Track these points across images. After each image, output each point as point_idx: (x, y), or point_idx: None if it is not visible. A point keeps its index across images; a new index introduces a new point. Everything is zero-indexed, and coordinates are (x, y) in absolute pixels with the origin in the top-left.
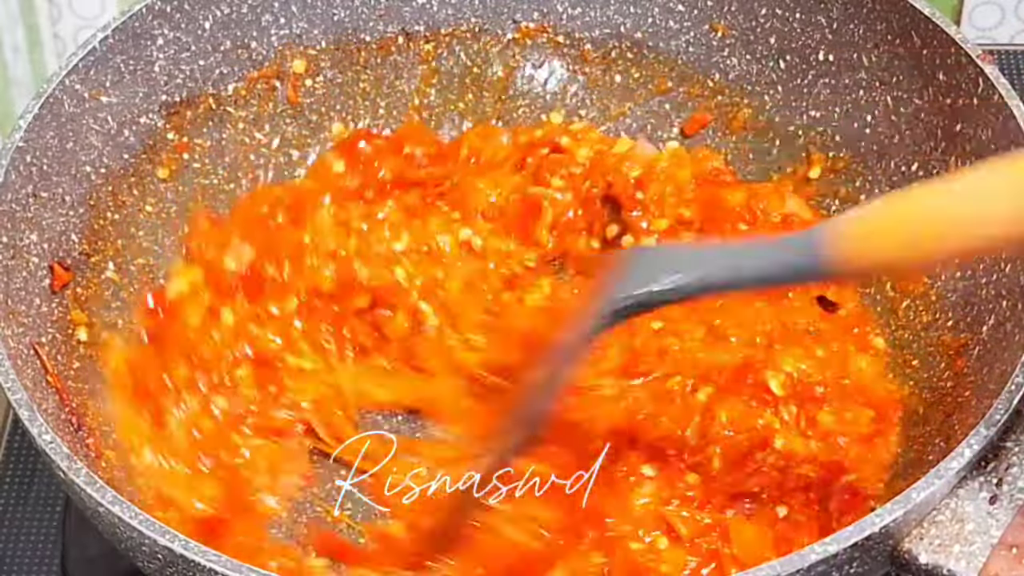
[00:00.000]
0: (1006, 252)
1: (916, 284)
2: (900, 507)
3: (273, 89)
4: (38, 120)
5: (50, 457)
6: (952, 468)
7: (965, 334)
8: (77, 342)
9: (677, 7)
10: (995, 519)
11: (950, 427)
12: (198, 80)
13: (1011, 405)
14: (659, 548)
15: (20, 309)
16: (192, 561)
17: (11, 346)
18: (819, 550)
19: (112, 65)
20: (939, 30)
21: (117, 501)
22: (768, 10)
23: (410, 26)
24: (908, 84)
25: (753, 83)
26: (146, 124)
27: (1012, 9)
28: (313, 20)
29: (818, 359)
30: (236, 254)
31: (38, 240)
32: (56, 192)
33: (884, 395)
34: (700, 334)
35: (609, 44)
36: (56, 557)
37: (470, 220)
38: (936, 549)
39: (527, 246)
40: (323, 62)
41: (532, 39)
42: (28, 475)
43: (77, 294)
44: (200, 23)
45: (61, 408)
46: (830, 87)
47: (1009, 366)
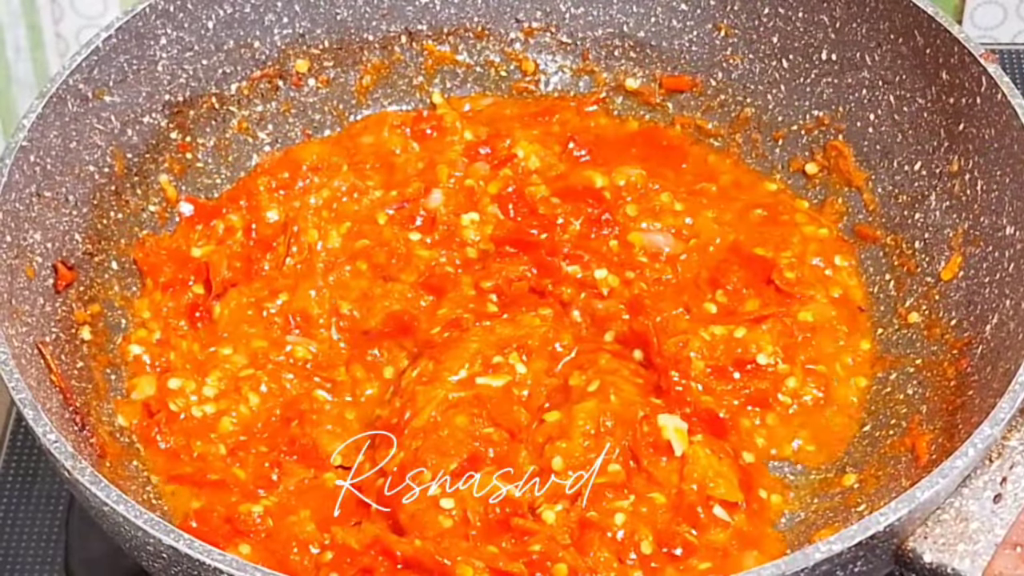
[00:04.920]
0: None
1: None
2: (904, 506)
3: (276, 88)
4: (41, 120)
5: (54, 456)
6: (956, 467)
7: (968, 333)
8: (81, 341)
9: (680, 6)
10: (999, 518)
11: (954, 426)
12: (201, 80)
13: (1015, 404)
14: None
15: (24, 309)
16: (196, 560)
17: (15, 345)
18: (824, 548)
19: (115, 65)
20: (942, 29)
21: (122, 500)
22: (771, 9)
23: (413, 25)
24: (911, 83)
25: (756, 82)
26: (149, 123)
27: (1014, 9)
28: (316, 19)
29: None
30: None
31: (42, 240)
32: (59, 192)
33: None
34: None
35: (612, 44)
36: (59, 556)
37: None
38: (940, 548)
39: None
40: (326, 61)
41: (535, 39)
42: (31, 474)
43: (80, 293)
44: (203, 22)
45: (65, 407)
46: (833, 86)
47: (1013, 365)
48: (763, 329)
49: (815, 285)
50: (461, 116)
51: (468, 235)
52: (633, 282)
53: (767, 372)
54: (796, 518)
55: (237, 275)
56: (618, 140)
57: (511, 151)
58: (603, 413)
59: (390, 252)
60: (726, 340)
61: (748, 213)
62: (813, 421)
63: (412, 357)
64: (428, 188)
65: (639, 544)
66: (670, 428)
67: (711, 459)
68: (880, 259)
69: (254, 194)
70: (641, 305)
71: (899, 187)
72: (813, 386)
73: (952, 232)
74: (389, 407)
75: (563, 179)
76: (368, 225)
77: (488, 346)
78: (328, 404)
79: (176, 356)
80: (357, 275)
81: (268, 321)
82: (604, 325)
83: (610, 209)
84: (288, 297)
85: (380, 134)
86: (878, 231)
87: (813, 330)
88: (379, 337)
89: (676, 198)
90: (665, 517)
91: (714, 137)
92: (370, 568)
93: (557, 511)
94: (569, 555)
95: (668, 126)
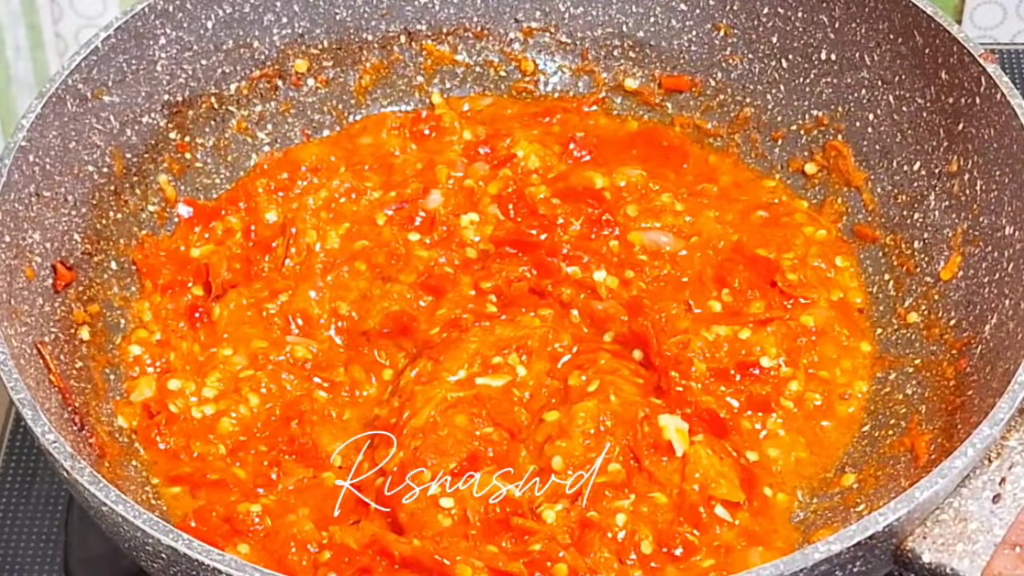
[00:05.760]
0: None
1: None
2: (903, 506)
3: (275, 88)
4: (40, 120)
5: (53, 456)
6: (956, 467)
7: (968, 333)
8: (80, 341)
9: (679, 6)
10: (998, 518)
11: (953, 426)
12: (200, 79)
13: (1015, 404)
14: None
15: (23, 309)
16: (195, 560)
17: (14, 345)
18: (823, 548)
19: (114, 64)
20: (941, 29)
21: (120, 500)
22: (770, 9)
23: (412, 25)
24: (910, 83)
25: (755, 82)
26: (148, 123)
27: (1013, 9)
28: (315, 19)
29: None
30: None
31: (41, 239)
32: (59, 192)
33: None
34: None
35: (611, 44)
36: (58, 556)
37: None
38: (939, 548)
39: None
40: (325, 61)
41: (534, 38)
42: (30, 474)
43: (80, 293)
44: (202, 22)
45: (64, 407)
46: (832, 86)
47: (1012, 365)
48: (768, 332)
49: (817, 287)
50: (460, 116)
51: (468, 235)
52: (633, 282)
53: (769, 376)
54: (795, 518)
55: (236, 276)
56: (618, 141)
57: (511, 151)
58: (603, 413)
59: (389, 252)
60: (730, 341)
61: (750, 214)
62: (812, 428)
63: (411, 357)
64: (427, 189)
65: (639, 544)
66: (671, 428)
67: (712, 459)
68: (879, 259)
69: (253, 196)
70: (640, 305)
71: (898, 187)
72: (816, 393)
73: (951, 232)
74: (388, 407)
75: (563, 179)
76: (367, 226)
77: (487, 346)
78: (328, 404)
79: (176, 357)
80: (356, 275)
81: (268, 322)
82: (604, 325)
83: (610, 210)
84: (288, 298)
85: (379, 135)
86: (877, 231)
87: (816, 334)
88: (378, 337)
89: (677, 199)
90: (667, 517)
91: (713, 137)
92: (368, 567)
93: (557, 511)
94: (569, 555)
95: (668, 126)
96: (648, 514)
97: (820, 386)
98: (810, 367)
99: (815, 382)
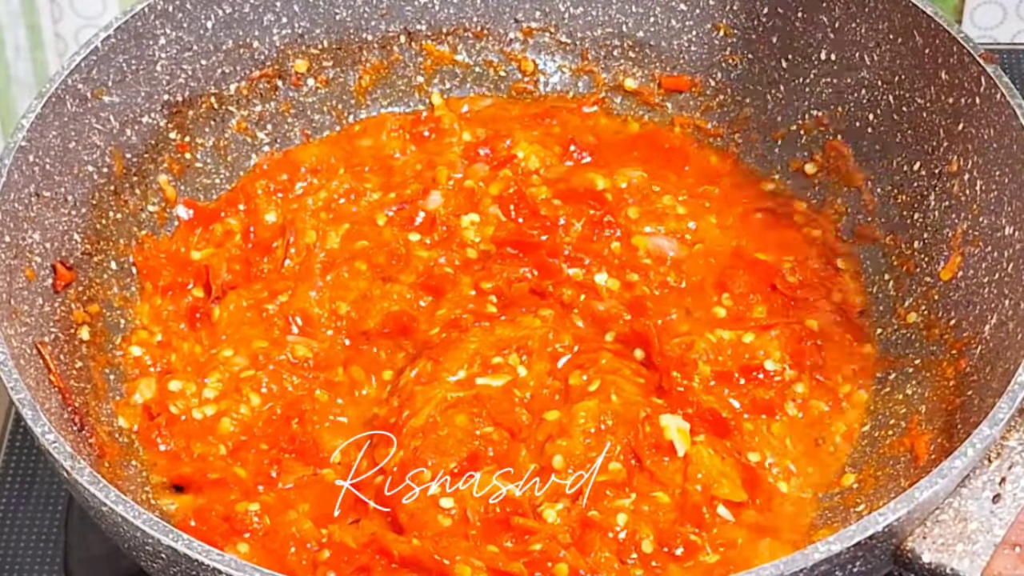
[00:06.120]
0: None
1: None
2: (903, 506)
3: (275, 89)
4: (40, 120)
5: (53, 457)
6: (955, 467)
7: (967, 333)
8: (80, 341)
9: (679, 6)
10: (998, 518)
11: (953, 426)
12: (200, 80)
13: (1014, 404)
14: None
15: (23, 309)
16: (195, 560)
17: (14, 346)
18: (822, 549)
19: (114, 64)
20: (941, 29)
21: (120, 500)
22: (770, 9)
23: (412, 25)
24: (910, 83)
25: (755, 82)
26: (148, 124)
27: (1013, 9)
28: (315, 19)
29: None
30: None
31: (40, 239)
32: (58, 192)
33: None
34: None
35: (611, 44)
36: (58, 557)
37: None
38: (939, 548)
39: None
40: (325, 61)
41: (534, 39)
42: (30, 475)
43: (79, 293)
44: (202, 22)
45: (64, 407)
46: (832, 86)
47: (1012, 365)
48: (771, 336)
49: (818, 289)
50: (459, 117)
51: (468, 236)
52: (636, 284)
53: (773, 380)
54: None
55: (236, 277)
56: (619, 142)
57: (511, 152)
58: (604, 412)
59: (389, 253)
60: (734, 344)
61: (749, 216)
62: (814, 432)
63: (411, 357)
64: (427, 190)
65: (640, 543)
66: (672, 428)
67: (714, 459)
68: (879, 259)
69: (252, 197)
70: (642, 306)
71: (898, 187)
72: (820, 398)
73: (951, 232)
74: (388, 407)
75: (564, 181)
76: (367, 226)
77: (487, 347)
78: (328, 404)
79: (177, 358)
80: (356, 276)
81: (268, 322)
82: (605, 325)
83: (612, 211)
84: (288, 298)
85: (378, 138)
86: (877, 231)
87: (819, 337)
88: (378, 337)
89: (678, 201)
90: (668, 517)
91: (713, 137)
92: (367, 567)
93: (558, 510)
94: (570, 555)
95: (668, 127)
96: (649, 513)
97: (824, 391)
98: (814, 369)
99: (819, 387)
